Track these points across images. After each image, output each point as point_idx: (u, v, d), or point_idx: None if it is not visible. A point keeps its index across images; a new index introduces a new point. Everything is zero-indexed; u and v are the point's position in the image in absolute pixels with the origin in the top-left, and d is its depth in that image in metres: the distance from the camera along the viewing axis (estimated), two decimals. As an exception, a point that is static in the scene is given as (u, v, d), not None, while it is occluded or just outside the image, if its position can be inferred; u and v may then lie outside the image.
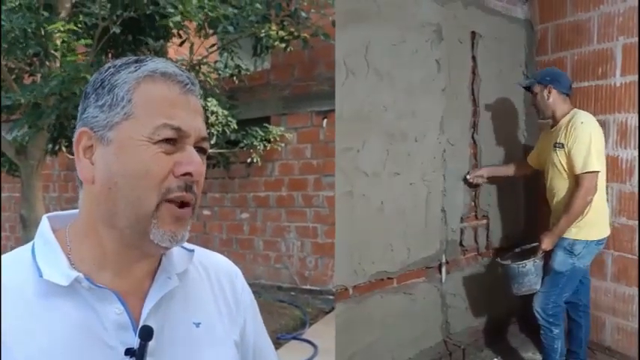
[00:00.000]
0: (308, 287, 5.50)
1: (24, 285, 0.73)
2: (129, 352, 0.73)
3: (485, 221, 3.41)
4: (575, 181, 2.73)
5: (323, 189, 5.34)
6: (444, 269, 3.14)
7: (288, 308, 5.24)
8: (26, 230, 3.68)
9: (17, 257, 0.78)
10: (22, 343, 0.70)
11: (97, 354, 0.72)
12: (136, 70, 0.75)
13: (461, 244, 3.25)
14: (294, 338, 4.56)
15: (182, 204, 0.75)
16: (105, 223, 0.75)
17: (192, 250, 0.85)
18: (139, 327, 0.75)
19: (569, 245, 2.78)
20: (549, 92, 2.84)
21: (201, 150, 0.77)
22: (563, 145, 2.77)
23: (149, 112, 0.73)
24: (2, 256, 0.78)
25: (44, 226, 0.79)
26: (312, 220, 5.44)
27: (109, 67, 0.78)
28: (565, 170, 2.80)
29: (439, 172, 3.02)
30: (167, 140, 0.73)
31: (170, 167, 0.73)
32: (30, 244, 0.79)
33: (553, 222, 2.88)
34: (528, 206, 3.63)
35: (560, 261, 2.80)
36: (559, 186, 2.85)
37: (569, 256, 2.79)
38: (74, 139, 0.77)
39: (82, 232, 0.78)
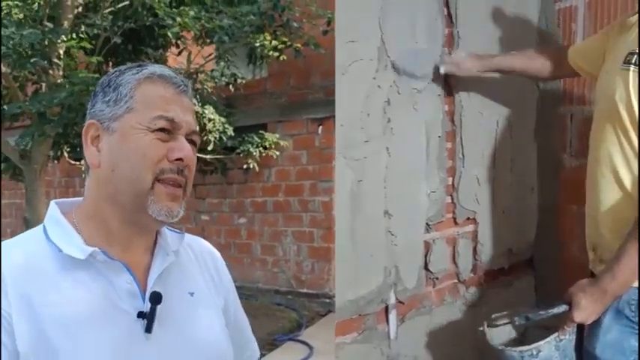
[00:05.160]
0: (305, 291, 5.56)
1: (44, 260, 0.84)
2: (140, 314, 0.84)
3: (471, 227, 2.13)
4: None
5: (319, 194, 5.45)
6: (392, 315, 1.87)
7: (285, 311, 5.33)
8: (30, 233, 3.78)
9: (31, 238, 0.88)
10: (49, 310, 0.80)
11: (115, 317, 0.84)
12: (137, 73, 0.88)
13: (426, 269, 1.98)
14: (291, 339, 4.65)
15: (176, 185, 0.87)
16: (109, 202, 0.87)
17: (183, 234, 0.98)
18: (149, 293, 0.86)
19: (631, 305, 1.37)
20: None
21: (191, 142, 0.89)
22: None
23: (148, 106, 0.86)
24: (16, 238, 0.89)
25: (54, 210, 0.90)
26: (309, 225, 5.51)
27: (115, 71, 0.91)
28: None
29: (378, 141, 1.77)
30: (162, 130, 0.85)
31: (164, 152, 0.85)
32: (38, 228, 0.89)
33: (597, 251, 1.50)
34: (545, 198, 2.33)
35: (612, 341, 1.40)
36: (617, 165, 1.40)
37: (632, 331, 1.38)
38: (83, 130, 0.89)
39: (89, 213, 0.89)
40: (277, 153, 5.49)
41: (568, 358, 1.49)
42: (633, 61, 1.33)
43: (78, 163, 4.88)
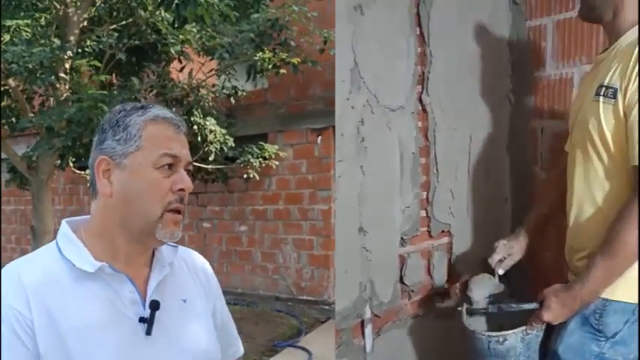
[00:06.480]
0: (304, 297, 5.62)
1: (60, 274, 0.97)
2: (142, 319, 0.98)
3: (446, 240, 2.16)
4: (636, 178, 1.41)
5: (318, 203, 5.55)
6: (368, 330, 1.90)
7: (285, 318, 5.38)
8: (36, 240, 3.96)
9: (46, 254, 1.02)
10: (65, 317, 0.93)
11: (120, 322, 0.97)
12: (143, 115, 1.01)
13: (402, 282, 2.02)
14: (290, 345, 4.74)
15: (177, 212, 1.01)
16: (118, 226, 1.00)
17: (177, 247, 1.11)
18: (148, 301, 1.00)
19: (596, 314, 1.48)
20: None
21: (187, 171, 1.04)
22: (615, 90, 1.44)
23: (154, 144, 0.99)
24: (33, 254, 1.03)
25: (66, 228, 1.03)
26: (308, 233, 5.58)
27: (121, 110, 1.03)
28: (610, 149, 1.48)
29: (353, 161, 1.83)
30: (167, 165, 0.99)
31: (169, 186, 0.99)
32: (51, 246, 1.02)
33: (573, 260, 1.62)
34: (519, 210, 2.32)
35: (574, 344, 1.51)
36: (591, 184, 1.54)
37: (594, 337, 1.48)
38: (94, 164, 1.01)
39: (97, 233, 1.02)
40: (277, 163, 5.62)
41: (532, 352, 1.62)
42: (602, 93, 1.48)
43: (83, 172, 5.04)
